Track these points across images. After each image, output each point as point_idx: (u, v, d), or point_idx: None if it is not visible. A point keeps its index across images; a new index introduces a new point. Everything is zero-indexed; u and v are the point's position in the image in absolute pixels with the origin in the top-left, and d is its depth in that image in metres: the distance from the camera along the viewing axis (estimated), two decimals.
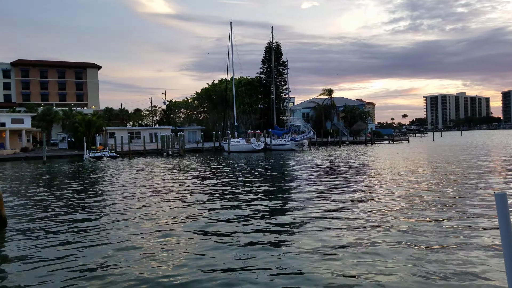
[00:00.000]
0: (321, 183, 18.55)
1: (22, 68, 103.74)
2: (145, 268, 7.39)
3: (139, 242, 9.16)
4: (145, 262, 7.73)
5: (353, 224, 10.16)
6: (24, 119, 61.57)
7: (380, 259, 7.44)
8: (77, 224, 11.29)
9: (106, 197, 16.46)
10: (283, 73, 77.67)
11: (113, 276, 7.00)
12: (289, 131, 59.34)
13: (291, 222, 10.73)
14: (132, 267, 7.47)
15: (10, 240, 9.72)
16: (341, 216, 11.19)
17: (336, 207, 12.42)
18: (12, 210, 13.50)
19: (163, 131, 64.40)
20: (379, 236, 9.02)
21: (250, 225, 10.52)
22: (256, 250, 8.26)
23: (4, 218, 11.17)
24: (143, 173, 26.52)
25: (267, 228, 10.12)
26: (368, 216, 11.02)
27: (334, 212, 11.78)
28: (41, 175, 27.75)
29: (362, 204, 12.96)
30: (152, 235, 9.72)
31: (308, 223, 10.49)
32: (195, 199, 14.97)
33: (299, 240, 8.93)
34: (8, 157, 48.11)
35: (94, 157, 44.95)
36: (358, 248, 8.17)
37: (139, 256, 8.09)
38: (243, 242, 8.90)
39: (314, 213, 11.65)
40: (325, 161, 32.13)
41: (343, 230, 9.58)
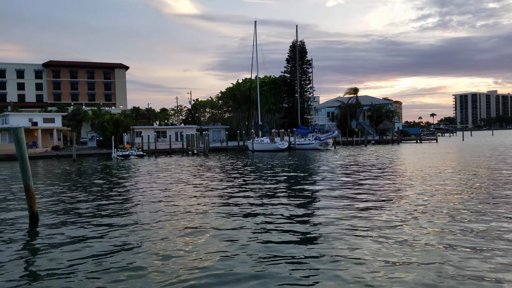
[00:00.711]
0: (345, 183, 18.37)
1: (53, 69, 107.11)
2: (171, 264, 7.53)
3: (164, 238, 9.32)
4: (171, 258, 7.87)
5: (380, 227, 10.02)
6: (55, 119, 63.60)
7: (410, 262, 7.32)
8: (106, 219, 11.60)
9: (133, 193, 16.83)
10: (308, 71, 77.24)
11: (140, 271, 7.17)
12: (314, 130, 58.96)
13: (316, 223, 10.67)
14: (158, 263, 7.63)
15: (42, 235, 10.08)
16: (367, 217, 11.03)
17: (362, 208, 12.27)
18: (43, 206, 13.99)
19: (188, 130, 65.21)
20: (408, 238, 8.87)
21: (273, 224, 10.54)
22: (280, 250, 8.28)
23: (36, 214, 11.60)
24: (168, 172, 26.94)
25: (291, 229, 10.10)
26: (394, 219, 10.84)
27: (359, 213, 11.64)
28: (71, 173, 28.60)
29: (389, 206, 12.74)
30: (177, 232, 9.88)
31: (332, 223, 10.42)
32: (219, 197, 15.10)
33: (325, 242, 8.86)
34: (40, 155, 49.80)
35: (122, 155, 46.00)
36: (388, 253, 8.06)
37: (165, 252, 8.25)
38: (266, 240, 8.94)
39: (338, 214, 11.56)
40: (350, 161, 31.77)
41: (369, 231, 9.46)
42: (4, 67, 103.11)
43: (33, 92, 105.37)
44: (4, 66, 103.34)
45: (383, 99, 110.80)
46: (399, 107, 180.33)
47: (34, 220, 11.41)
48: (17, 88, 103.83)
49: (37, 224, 11.26)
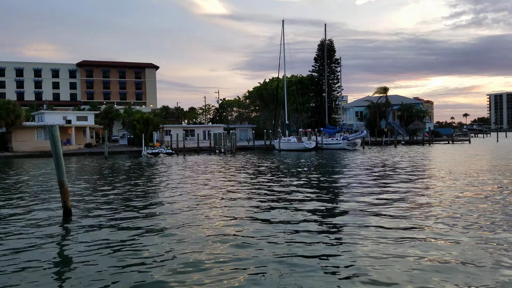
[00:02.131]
0: (373, 184, 18.12)
1: (86, 69, 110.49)
2: (201, 261, 7.69)
3: (193, 235, 9.51)
4: (199, 255, 8.03)
5: (409, 232, 9.86)
6: (88, 117, 65.63)
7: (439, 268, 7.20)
8: (136, 214, 11.92)
9: (163, 190, 17.20)
10: (336, 70, 76.45)
11: (168, 266, 7.36)
12: (342, 130, 58.34)
13: (344, 225, 10.57)
14: (185, 259, 7.80)
15: (75, 229, 10.48)
16: (394, 221, 10.88)
17: (390, 211, 12.09)
18: (77, 201, 14.51)
19: (216, 129, 65.87)
20: (440, 244, 8.70)
21: (300, 224, 10.55)
22: (307, 251, 8.30)
23: (69, 208, 12.06)
24: (196, 169, 27.34)
25: (318, 230, 10.08)
26: (424, 223, 10.64)
27: (387, 217, 11.49)
28: (103, 169, 29.46)
29: (419, 210, 12.51)
30: (205, 228, 10.05)
31: (360, 226, 10.33)
32: (246, 196, 15.22)
33: (353, 246, 8.80)
34: (74, 152, 51.51)
35: (152, 153, 47.02)
36: (418, 259, 7.95)
37: (193, 249, 8.42)
38: (294, 240, 8.97)
39: (367, 217, 11.44)
40: (379, 161, 31.27)
41: (396, 234, 9.34)
42: (40, 67, 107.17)
43: (67, 91, 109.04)
44: (40, 66, 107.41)
45: (413, 99, 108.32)
46: (430, 107, 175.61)
47: (68, 214, 11.87)
48: (52, 87, 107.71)
49: (70, 218, 11.70)
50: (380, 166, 26.84)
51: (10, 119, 52.82)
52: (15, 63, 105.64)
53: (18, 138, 54.72)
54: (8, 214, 12.71)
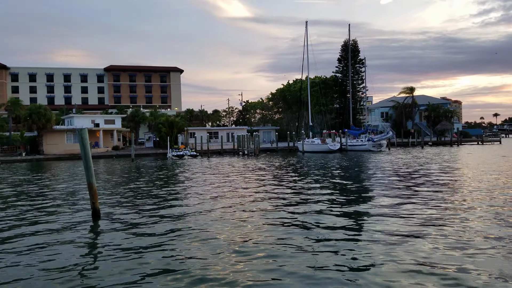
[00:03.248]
0: (400, 187, 17.81)
1: (113, 73, 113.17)
2: (227, 259, 7.79)
3: (217, 238, 9.63)
4: (226, 254, 8.13)
5: (435, 239, 9.67)
6: (115, 120, 67.23)
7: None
8: (163, 215, 12.14)
9: (188, 192, 17.43)
10: (360, 71, 75.57)
11: (194, 270, 7.48)
12: (366, 131, 57.58)
13: (370, 230, 10.48)
14: (211, 260, 7.91)
15: (103, 231, 10.76)
16: (422, 226, 10.67)
17: (416, 216, 11.87)
18: (105, 203, 14.90)
19: (239, 131, 66.20)
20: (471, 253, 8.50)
21: (323, 227, 10.51)
22: (332, 259, 8.27)
23: (98, 209, 12.39)
24: (220, 171, 27.56)
25: (344, 237, 10.02)
26: (454, 232, 10.38)
27: (415, 222, 11.29)
28: (130, 171, 30.09)
29: (450, 215, 12.23)
30: (228, 230, 10.15)
31: (385, 231, 10.20)
32: (269, 198, 15.24)
33: (381, 254, 8.71)
34: (101, 155, 52.84)
35: (177, 155, 47.72)
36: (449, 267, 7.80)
37: (219, 249, 8.53)
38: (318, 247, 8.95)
39: (392, 222, 11.28)
40: (405, 163, 30.70)
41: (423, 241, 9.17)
42: (69, 72, 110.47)
43: (95, 95, 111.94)
44: (69, 71, 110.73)
45: (441, 99, 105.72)
46: (458, 106, 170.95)
47: (96, 216, 12.20)
48: (81, 92, 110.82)
49: (99, 219, 12.03)
50: (406, 168, 26.35)
51: (41, 123, 54.75)
52: (46, 68, 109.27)
53: (49, 141, 56.58)
54: (39, 215, 13.17)
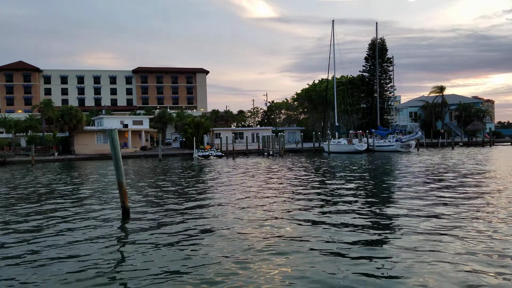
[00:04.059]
0: (429, 189, 17.38)
1: (141, 75, 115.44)
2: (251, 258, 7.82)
3: (246, 235, 9.67)
4: (250, 252, 8.17)
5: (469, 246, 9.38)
6: (143, 121, 68.55)
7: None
8: (191, 214, 12.29)
9: (215, 191, 17.58)
10: (388, 70, 74.19)
11: (221, 267, 7.54)
12: (394, 131, 56.49)
13: (396, 236, 10.27)
14: (235, 261, 7.95)
15: (133, 229, 10.99)
16: (454, 233, 10.36)
17: (447, 221, 11.57)
18: (134, 202, 15.21)
19: (264, 131, 66.20)
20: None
21: (349, 231, 10.39)
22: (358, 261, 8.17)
23: (127, 208, 12.66)
24: (246, 171, 27.66)
25: (369, 240, 9.88)
26: (488, 240, 10.05)
27: (445, 228, 11.00)
28: (158, 171, 30.61)
29: (483, 217, 11.84)
30: (254, 229, 10.18)
31: (413, 237, 9.98)
32: (294, 198, 15.19)
33: (406, 261, 8.53)
34: (130, 155, 53.99)
35: (202, 155, 48.23)
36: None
37: (246, 248, 8.57)
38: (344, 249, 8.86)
39: (421, 225, 11.00)
40: (435, 164, 29.94)
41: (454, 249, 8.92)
42: (99, 74, 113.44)
43: (124, 97, 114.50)
44: (99, 73, 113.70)
45: (472, 98, 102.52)
46: (491, 106, 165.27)
47: (126, 214, 12.47)
48: (110, 93, 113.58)
49: (129, 217, 12.29)
50: (436, 169, 25.70)
51: (72, 123, 56.45)
52: (76, 71, 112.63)
53: (80, 141, 58.26)
54: (71, 213, 13.58)
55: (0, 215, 13.52)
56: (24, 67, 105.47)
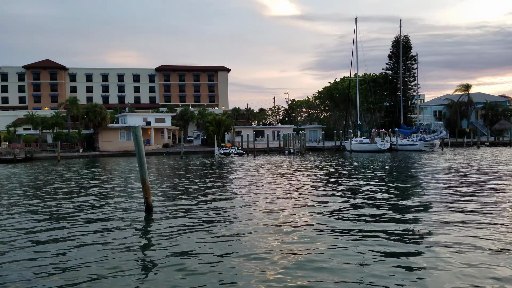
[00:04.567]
0: (454, 191, 17.02)
1: (164, 73, 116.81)
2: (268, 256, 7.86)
3: (267, 232, 9.71)
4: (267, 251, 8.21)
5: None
6: (165, 119, 69.39)
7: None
8: (212, 211, 12.42)
9: (236, 189, 17.67)
10: (412, 68, 72.71)
11: (243, 264, 7.60)
12: (418, 130, 55.43)
13: (421, 239, 10.10)
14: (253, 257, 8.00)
15: (156, 225, 11.18)
16: (480, 236, 10.10)
17: (474, 225, 11.31)
18: (157, 198, 15.46)
19: (285, 129, 66.01)
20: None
21: (371, 233, 10.29)
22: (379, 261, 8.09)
23: (150, 205, 12.89)
24: (266, 169, 27.68)
25: (392, 245, 9.76)
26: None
27: (471, 231, 10.75)
28: (180, 168, 30.98)
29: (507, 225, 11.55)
30: (276, 228, 10.20)
31: (440, 242, 9.80)
32: (314, 198, 15.13)
33: (434, 267, 8.39)
34: (152, 152, 54.78)
35: (223, 153, 48.53)
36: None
37: (267, 246, 8.61)
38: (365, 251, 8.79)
39: (447, 231, 10.81)
40: (460, 164, 29.25)
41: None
42: (123, 72, 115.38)
43: (147, 94, 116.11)
44: (123, 71, 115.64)
45: (499, 96, 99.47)
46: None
47: (149, 210, 12.69)
48: (134, 91, 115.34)
49: (151, 213, 12.51)
50: (462, 170, 25.11)
51: (97, 121, 57.71)
52: (101, 69, 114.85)
53: (104, 138, 59.48)
54: (96, 209, 13.91)
55: (29, 209, 13.98)
56: (50, 65, 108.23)
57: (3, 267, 7.72)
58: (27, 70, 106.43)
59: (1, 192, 19.19)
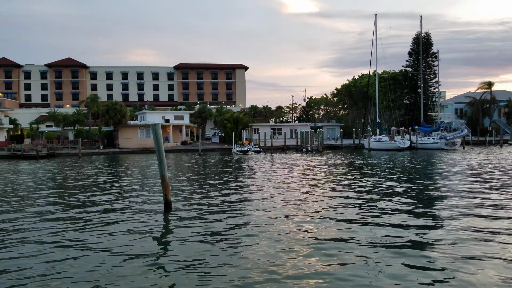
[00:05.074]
0: (477, 191, 16.67)
1: (182, 71, 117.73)
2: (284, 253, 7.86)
3: (285, 230, 9.71)
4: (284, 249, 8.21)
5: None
6: (184, 116, 69.95)
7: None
8: (230, 207, 12.48)
9: (253, 186, 17.71)
10: (433, 65, 71.37)
11: (261, 262, 7.62)
12: (439, 129, 54.44)
13: (441, 242, 9.93)
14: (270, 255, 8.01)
15: (175, 221, 11.30)
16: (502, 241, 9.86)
17: (493, 224, 11.03)
18: (176, 195, 15.62)
19: (303, 127, 65.72)
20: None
21: (388, 233, 10.17)
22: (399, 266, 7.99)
23: (169, 201, 13.02)
24: (284, 167, 27.63)
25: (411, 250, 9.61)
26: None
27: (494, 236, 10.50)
28: (198, 165, 31.21)
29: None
30: (294, 226, 10.19)
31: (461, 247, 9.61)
32: (331, 196, 15.03)
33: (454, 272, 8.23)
34: (171, 149, 55.33)
35: (241, 151, 48.64)
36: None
37: (285, 244, 8.62)
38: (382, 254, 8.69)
39: (466, 233, 10.59)
40: (482, 164, 28.60)
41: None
42: (142, 71, 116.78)
43: (165, 92, 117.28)
44: (142, 70, 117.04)
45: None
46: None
47: (168, 207, 12.83)
48: (153, 89, 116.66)
49: (170, 209, 12.65)
50: (484, 169, 24.55)
51: (117, 118, 58.60)
52: (121, 67, 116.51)
53: (124, 135, 60.35)
54: (116, 204, 14.15)
55: (52, 205, 14.32)
56: (72, 64, 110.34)
57: (27, 255, 7.94)
58: (49, 69, 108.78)
59: (28, 186, 19.71)
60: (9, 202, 14.99)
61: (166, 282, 6.78)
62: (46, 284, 6.73)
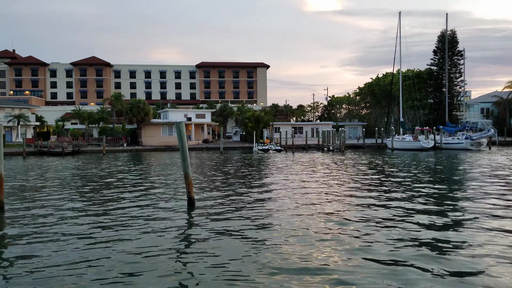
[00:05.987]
0: (503, 194, 16.27)
1: (204, 70, 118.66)
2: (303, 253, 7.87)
3: (307, 228, 9.72)
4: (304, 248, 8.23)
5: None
6: (205, 115, 70.51)
7: None
8: (252, 205, 12.57)
9: (275, 185, 17.74)
10: (459, 64, 69.66)
11: (281, 260, 7.67)
12: (464, 128, 53.16)
13: (464, 244, 9.75)
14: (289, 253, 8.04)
15: (198, 218, 11.45)
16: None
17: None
18: (199, 192, 15.81)
19: (324, 126, 65.29)
20: None
21: (409, 238, 10.04)
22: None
23: (193, 199, 13.20)
24: (305, 166, 27.56)
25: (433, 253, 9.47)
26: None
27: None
28: (220, 164, 31.45)
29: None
30: (314, 225, 10.19)
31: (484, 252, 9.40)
32: (354, 196, 14.93)
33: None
34: (193, 147, 55.89)
35: (262, 149, 48.71)
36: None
37: (307, 242, 8.64)
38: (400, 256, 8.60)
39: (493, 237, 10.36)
40: (510, 166, 27.80)
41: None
42: (165, 69, 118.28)
43: (187, 91, 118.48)
44: (165, 68, 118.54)
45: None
46: None
47: (191, 204, 13.02)
48: (175, 87, 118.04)
49: (194, 206, 12.83)
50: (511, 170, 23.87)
51: (140, 116, 59.61)
52: (144, 66, 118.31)
53: (147, 133, 61.30)
54: (141, 201, 14.43)
55: (78, 201, 14.73)
56: (96, 62, 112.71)
57: (55, 245, 8.22)
58: (74, 67, 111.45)
59: (55, 182, 20.31)
60: (40, 198, 15.50)
61: (190, 278, 6.89)
62: (76, 276, 6.96)
